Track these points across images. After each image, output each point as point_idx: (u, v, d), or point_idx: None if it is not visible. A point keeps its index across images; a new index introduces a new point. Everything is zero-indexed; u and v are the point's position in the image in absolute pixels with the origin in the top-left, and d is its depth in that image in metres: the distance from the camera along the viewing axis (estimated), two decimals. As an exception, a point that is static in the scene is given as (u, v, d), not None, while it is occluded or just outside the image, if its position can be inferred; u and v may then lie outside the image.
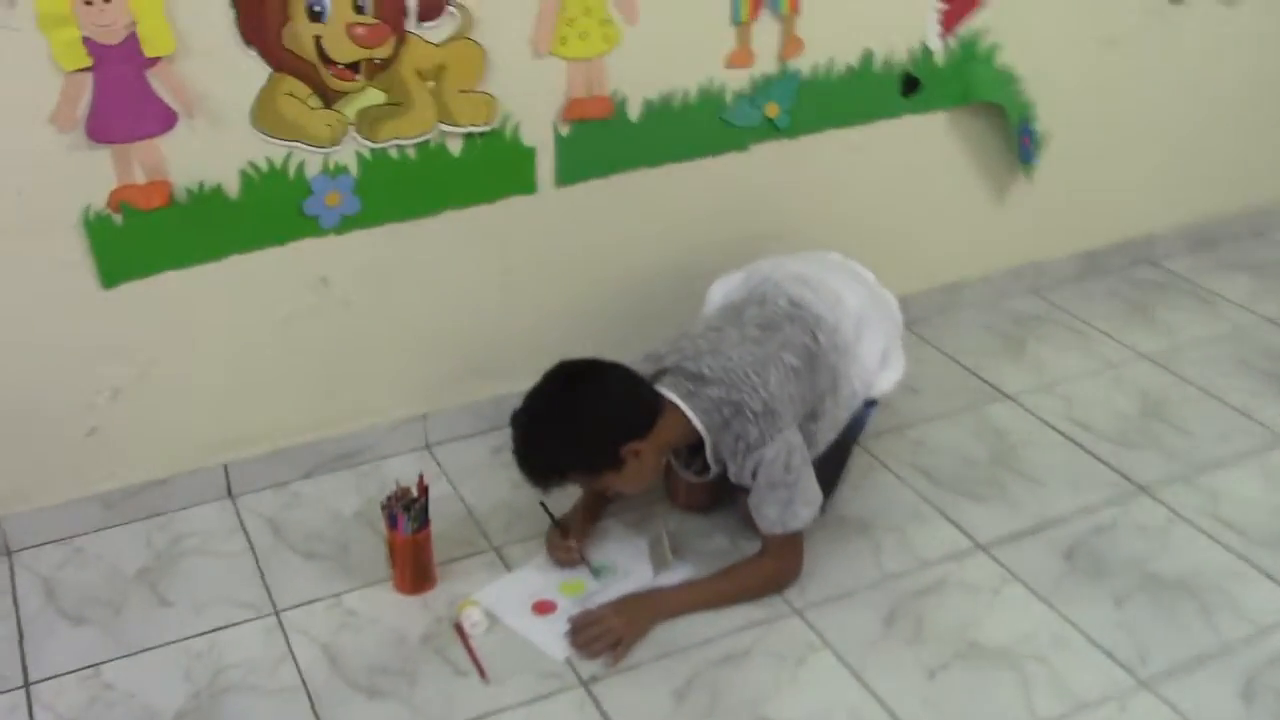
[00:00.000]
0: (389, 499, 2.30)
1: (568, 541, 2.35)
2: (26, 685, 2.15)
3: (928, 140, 3.00)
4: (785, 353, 2.26)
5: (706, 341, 2.28)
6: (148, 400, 2.45)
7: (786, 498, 2.22)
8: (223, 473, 2.57)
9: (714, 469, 2.29)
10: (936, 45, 2.89)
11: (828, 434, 2.40)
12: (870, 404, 2.50)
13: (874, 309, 2.47)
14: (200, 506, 2.56)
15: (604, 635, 2.19)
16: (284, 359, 2.51)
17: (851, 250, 2.64)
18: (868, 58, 2.82)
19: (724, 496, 2.37)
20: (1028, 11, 2.95)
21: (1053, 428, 2.80)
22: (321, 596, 2.33)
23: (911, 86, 2.91)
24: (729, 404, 2.19)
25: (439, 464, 2.70)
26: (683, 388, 2.21)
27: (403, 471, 2.61)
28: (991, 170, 3.14)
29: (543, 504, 2.33)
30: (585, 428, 2.12)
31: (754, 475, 2.22)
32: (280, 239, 2.41)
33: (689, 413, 2.20)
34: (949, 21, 2.89)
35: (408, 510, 2.28)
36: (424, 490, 2.31)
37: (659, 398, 2.21)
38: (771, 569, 2.31)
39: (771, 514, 2.23)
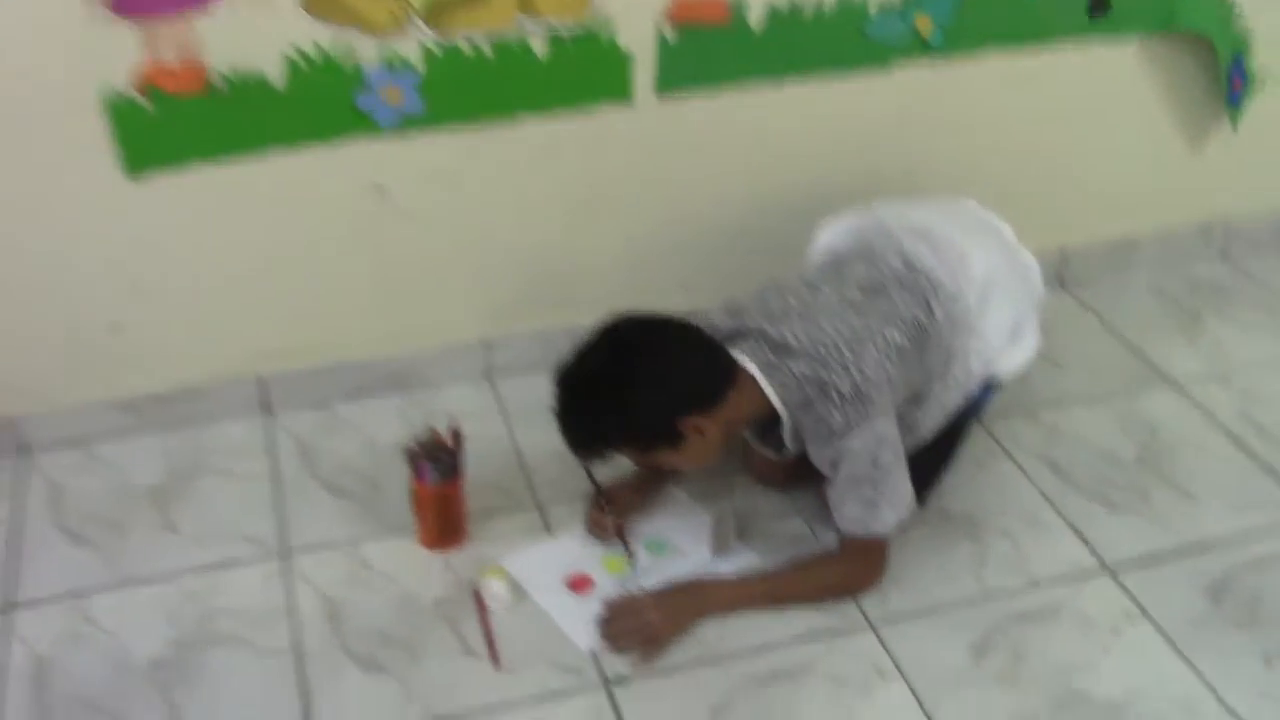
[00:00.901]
0: (415, 445, 2.02)
1: (606, 516, 2.03)
2: (9, 608, 1.98)
3: (1113, 71, 2.56)
4: (889, 327, 1.89)
5: (798, 301, 1.94)
6: (177, 300, 2.23)
7: (871, 497, 1.88)
8: (257, 385, 2.36)
9: (791, 448, 1.96)
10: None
11: (933, 420, 2.04)
12: (991, 386, 2.10)
13: (1007, 273, 2.07)
14: (230, 421, 2.35)
15: (639, 630, 1.90)
16: (333, 268, 2.29)
17: (996, 197, 2.23)
18: (1047, -35, 2.36)
19: (807, 475, 2.01)
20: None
21: (1221, 427, 2.38)
22: (338, 541, 2.10)
23: (1100, 4, 2.42)
24: (813, 382, 1.85)
25: (497, 397, 2.44)
26: (762, 356, 1.88)
27: (457, 402, 2.38)
28: (1188, 111, 2.67)
29: (586, 468, 2.01)
30: (639, 398, 1.80)
31: (835, 466, 1.88)
32: (329, 136, 2.14)
33: (766, 387, 1.87)
34: (1153, -75, 2.39)
35: (434, 460, 1.99)
36: (457, 440, 2.04)
37: (733, 366, 1.87)
38: (847, 573, 2.00)
39: (852, 513, 1.91)
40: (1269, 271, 2.86)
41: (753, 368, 1.88)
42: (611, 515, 2.04)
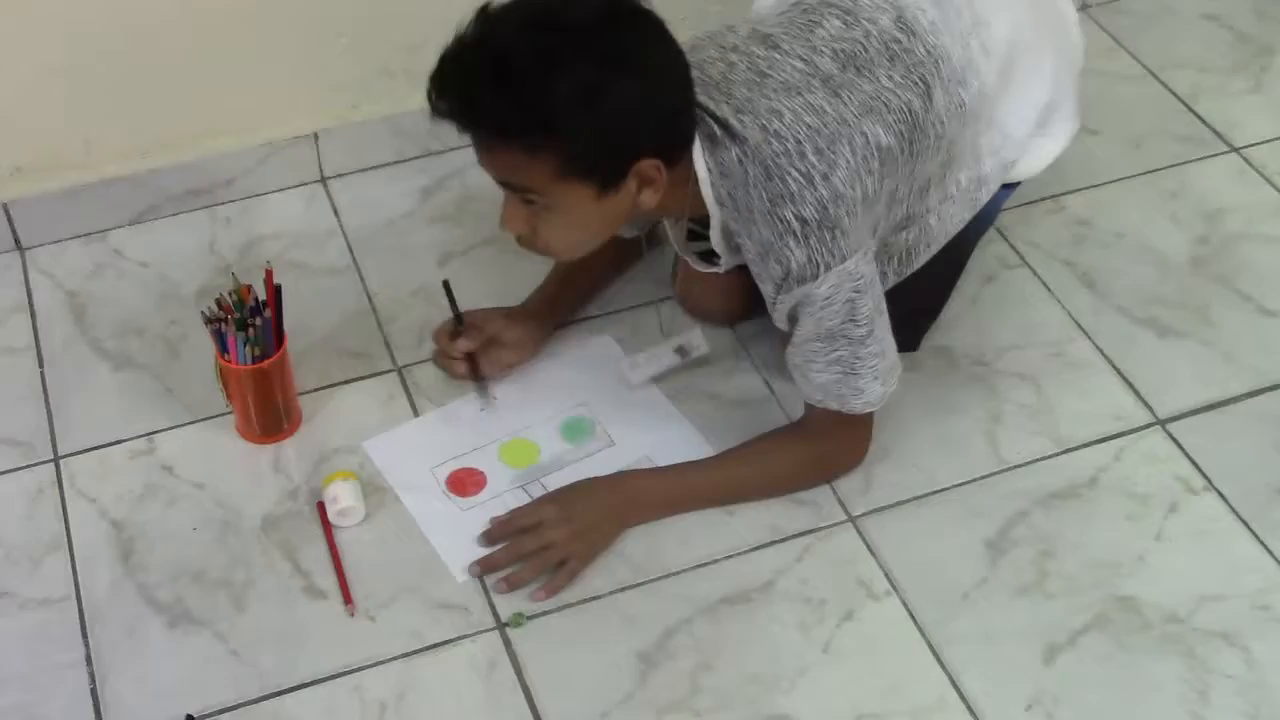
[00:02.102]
0: (216, 305, 1.72)
1: (458, 341, 1.82)
2: None
3: None
4: (870, 120, 1.56)
5: (748, 64, 1.59)
6: None
7: (847, 361, 1.61)
8: (2, 214, 2.04)
9: (724, 260, 1.69)
10: None
11: (928, 246, 1.76)
12: (1008, 187, 1.83)
13: (1037, 33, 1.75)
14: (-37, 265, 2.05)
15: (537, 553, 1.65)
16: (86, 45, 1.94)
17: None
18: None
19: (756, 305, 1.72)
20: None
21: None
22: (124, 436, 1.82)
23: None
24: (764, 192, 1.52)
25: (335, 209, 2.15)
26: (704, 127, 1.55)
27: (280, 221, 2.12)
28: None
29: (445, 284, 1.84)
30: (625, 85, 1.42)
31: (795, 320, 1.61)
32: None
33: (705, 177, 1.55)
34: None
35: (243, 328, 1.66)
36: (273, 293, 1.73)
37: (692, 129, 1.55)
38: (820, 456, 1.75)
39: (822, 381, 1.64)
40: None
41: (696, 149, 1.54)
42: (466, 339, 1.81)
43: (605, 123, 1.42)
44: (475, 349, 1.81)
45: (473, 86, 1.42)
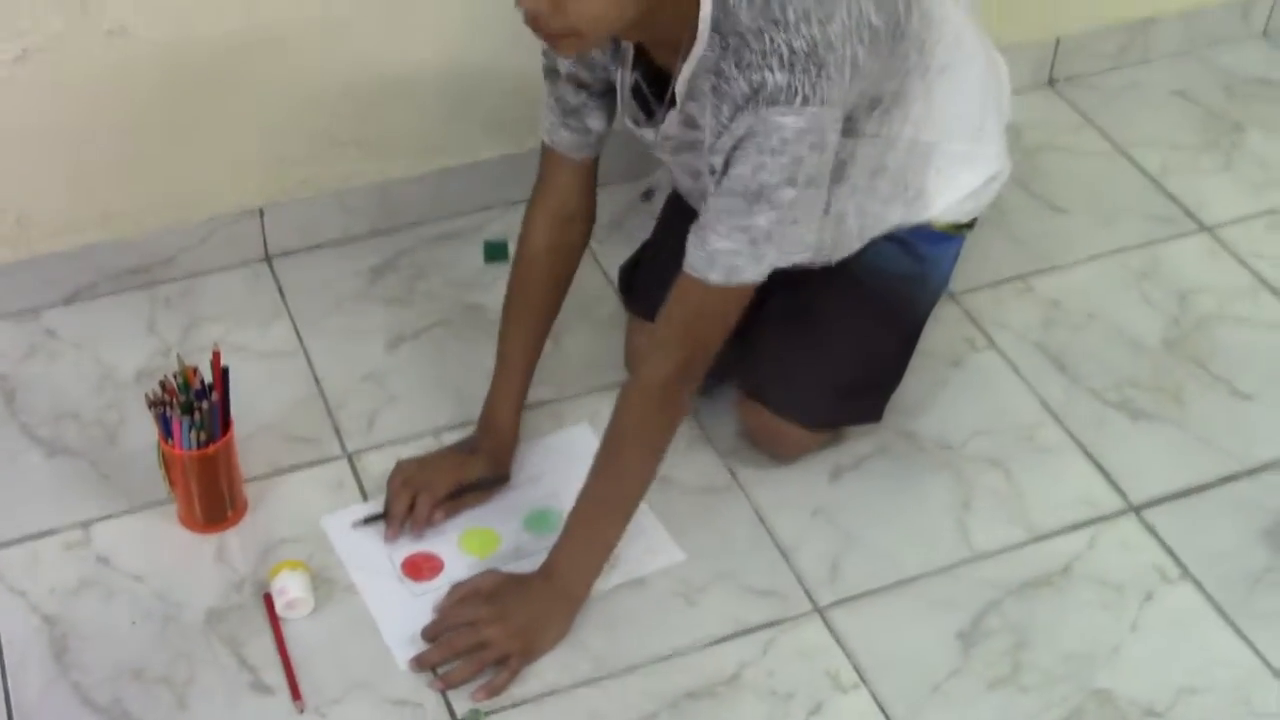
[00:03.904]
0: (160, 389, 1.77)
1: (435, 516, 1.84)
2: None
3: None
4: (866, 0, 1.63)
5: None
6: None
7: (762, 227, 1.62)
8: None
9: (671, 119, 1.69)
10: None
11: (848, 228, 1.83)
12: (947, 240, 1.93)
13: (977, 55, 1.88)
14: (-110, 345, 2.10)
15: (472, 650, 1.70)
16: (21, 119, 2.01)
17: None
18: None
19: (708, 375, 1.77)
20: None
21: (1272, 290, 2.24)
22: (57, 527, 1.87)
23: None
24: (759, 11, 1.55)
25: (280, 289, 2.21)
26: None
27: (224, 301, 2.18)
28: None
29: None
30: None
31: (733, 152, 1.60)
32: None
33: None
34: None
35: (188, 412, 1.72)
36: (220, 375, 1.78)
37: None
38: (664, 364, 1.70)
39: (718, 247, 1.63)
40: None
41: None
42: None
43: None
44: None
45: None
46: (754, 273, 1.64)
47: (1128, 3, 2.62)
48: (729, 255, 1.62)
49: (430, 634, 1.72)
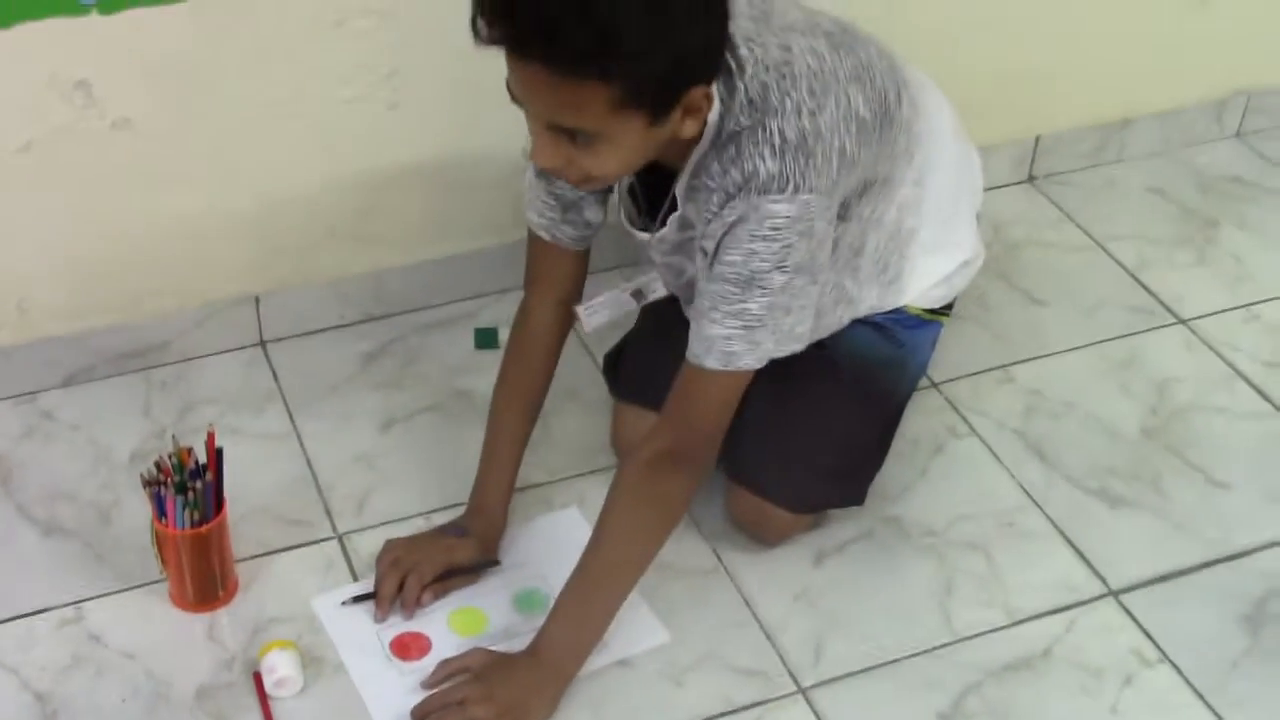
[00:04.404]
0: (155, 469, 1.78)
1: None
2: None
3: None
4: (855, 87, 1.67)
5: (747, 7, 1.67)
6: None
7: (755, 312, 1.64)
8: None
9: (679, 208, 1.71)
10: None
11: (834, 311, 1.86)
12: (925, 325, 1.96)
13: (954, 145, 1.91)
14: (-108, 427, 2.10)
15: None
16: (25, 207, 2.02)
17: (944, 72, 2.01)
18: None
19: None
20: None
21: (1249, 383, 2.26)
22: (51, 605, 1.86)
23: None
24: (757, 108, 1.59)
25: (275, 374, 2.22)
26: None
27: (218, 385, 2.18)
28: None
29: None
30: (690, 7, 1.47)
31: (724, 239, 1.63)
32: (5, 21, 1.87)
33: (718, 97, 1.59)
34: None
35: (182, 491, 1.73)
36: (214, 456, 1.79)
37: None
38: (659, 446, 1.71)
39: (716, 331, 1.66)
40: (1298, 159, 2.76)
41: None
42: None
43: (675, 49, 1.47)
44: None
45: (552, 8, 1.41)
46: (751, 359, 1.67)
47: (1105, 103, 2.66)
48: (724, 341, 1.65)
49: (419, 715, 1.71)
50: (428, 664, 1.77)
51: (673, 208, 1.72)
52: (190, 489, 1.75)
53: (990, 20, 2.45)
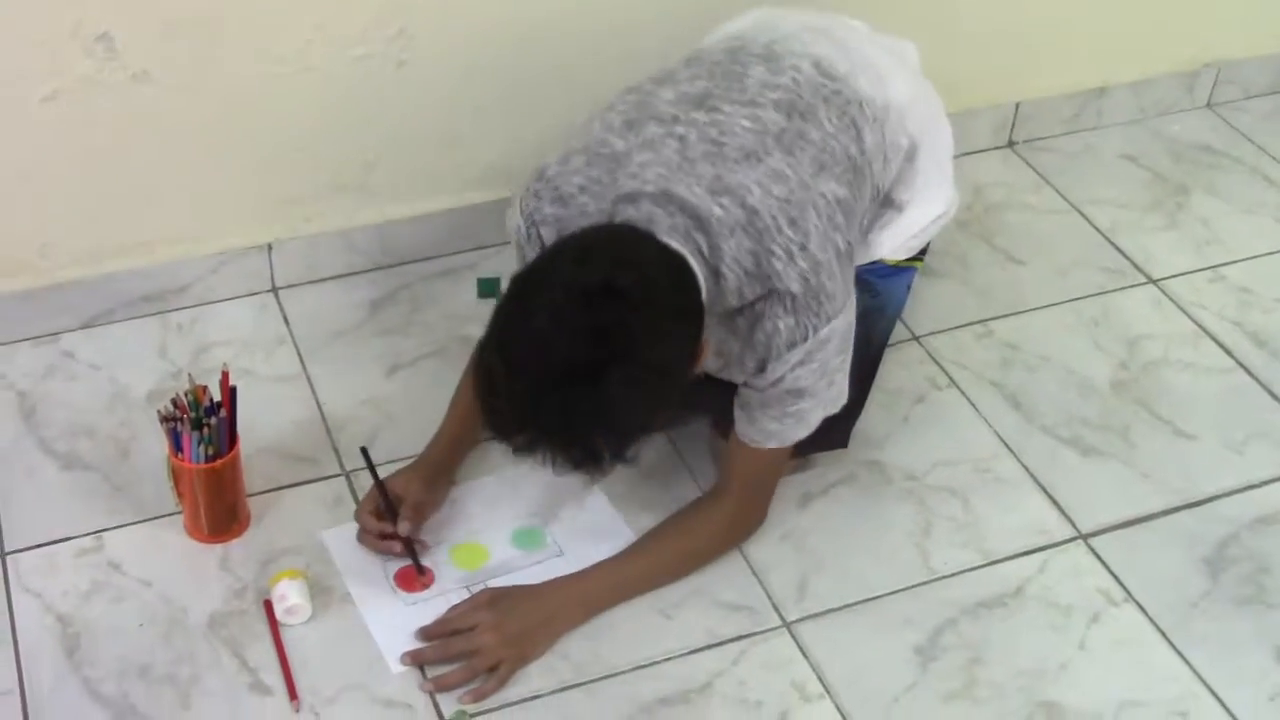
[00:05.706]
0: (172, 405, 1.79)
1: (400, 525, 1.82)
2: None
3: None
4: (824, 178, 1.66)
5: (697, 133, 1.64)
6: None
7: (806, 408, 1.71)
8: None
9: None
10: None
11: None
12: (902, 272, 1.96)
13: (925, 107, 1.91)
14: (-86, 366, 2.10)
15: (469, 655, 1.72)
16: (49, 155, 2.03)
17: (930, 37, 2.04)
18: None
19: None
20: None
21: (1214, 338, 2.28)
22: (72, 534, 1.87)
23: None
24: (755, 276, 1.61)
25: (286, 319, 2.23)
26: (691, 241, 1.58)
27: (232, 328, 2.19)
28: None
29: (364, 452, 1.86)
30: (653, 380, 1.47)
31: (758, 377, 1.68)
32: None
33: (703, 283, 1.57)
34: None
35: (198, 428, 1.74)
36: (228, 394, 1.80)
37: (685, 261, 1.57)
38: (733, 510, 1.85)
39: (769, 429, 1.74)
40: (1273, 131, 2.74)
41: (692, 262, 1.57)
42: (404, 521, 1.81)
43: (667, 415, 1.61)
44: (416, 533, 1.83)
45: (585, 436, 1.46)
46: (805, 432, 1.74)
47: (1083, 72, 2.67)
48: (781, 431, 1.73)
49: (427, 634, 1.74)
50: (429, 595, 1.80)
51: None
52: (205, 425, 1.76)
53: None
